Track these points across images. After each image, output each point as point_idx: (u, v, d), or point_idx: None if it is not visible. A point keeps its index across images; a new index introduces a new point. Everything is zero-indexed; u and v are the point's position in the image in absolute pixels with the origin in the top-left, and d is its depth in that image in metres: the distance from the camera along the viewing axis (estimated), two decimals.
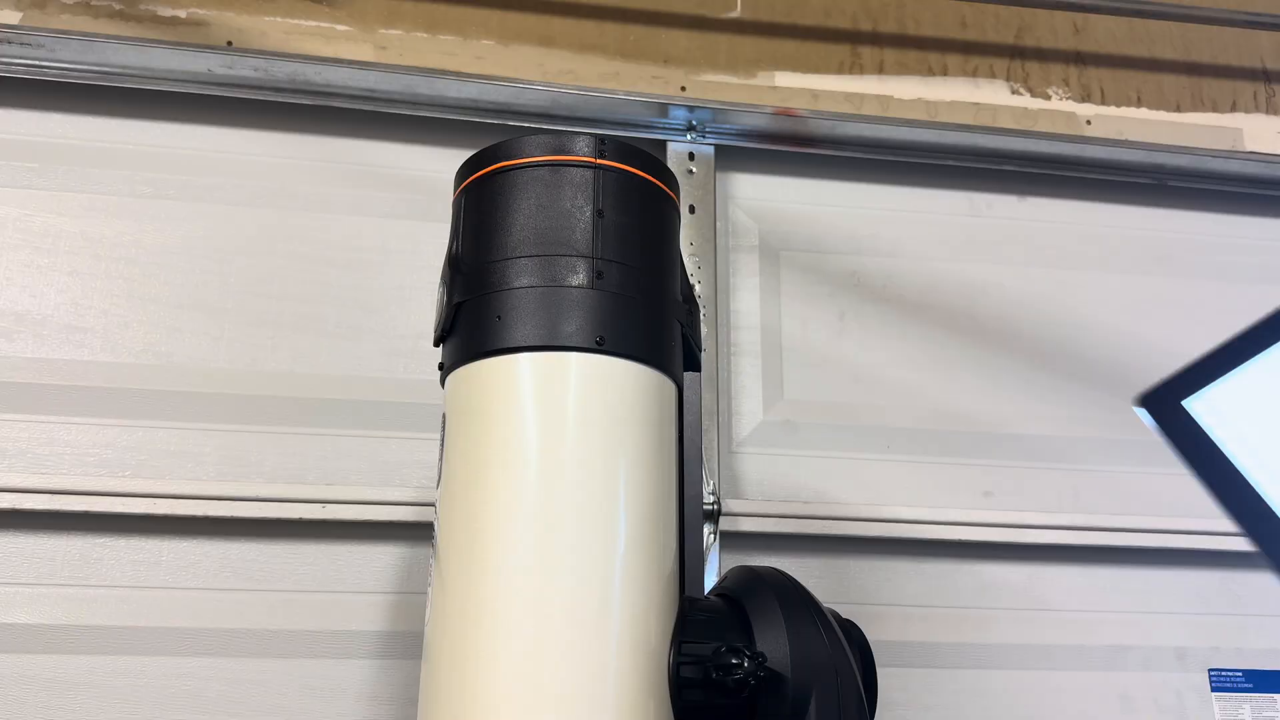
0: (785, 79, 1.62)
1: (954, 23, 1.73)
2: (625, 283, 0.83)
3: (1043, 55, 1.75)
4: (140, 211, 1.42)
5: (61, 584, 1.27)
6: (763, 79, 1.61)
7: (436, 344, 0.89)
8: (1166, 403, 0.98)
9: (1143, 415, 0.98)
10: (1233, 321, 1.90)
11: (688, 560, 0.83)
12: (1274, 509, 0.91)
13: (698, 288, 1.48)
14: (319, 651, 1.30)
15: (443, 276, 0.89)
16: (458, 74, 1.49)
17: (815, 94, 1.62)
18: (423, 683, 0.78)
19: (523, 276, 0.82)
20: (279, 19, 1.52)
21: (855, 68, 1.66)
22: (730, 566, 0.90)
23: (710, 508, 1.38)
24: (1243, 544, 1.61)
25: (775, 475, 1.48)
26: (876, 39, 1.69)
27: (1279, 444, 0.93)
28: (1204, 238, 1.72)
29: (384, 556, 1.34)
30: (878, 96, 1.65)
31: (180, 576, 1.29)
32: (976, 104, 1.67)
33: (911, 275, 1.61)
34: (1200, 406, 0.96)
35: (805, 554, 1.45)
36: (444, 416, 0.85)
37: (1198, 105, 1.76)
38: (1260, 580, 1.56)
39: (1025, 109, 1.69)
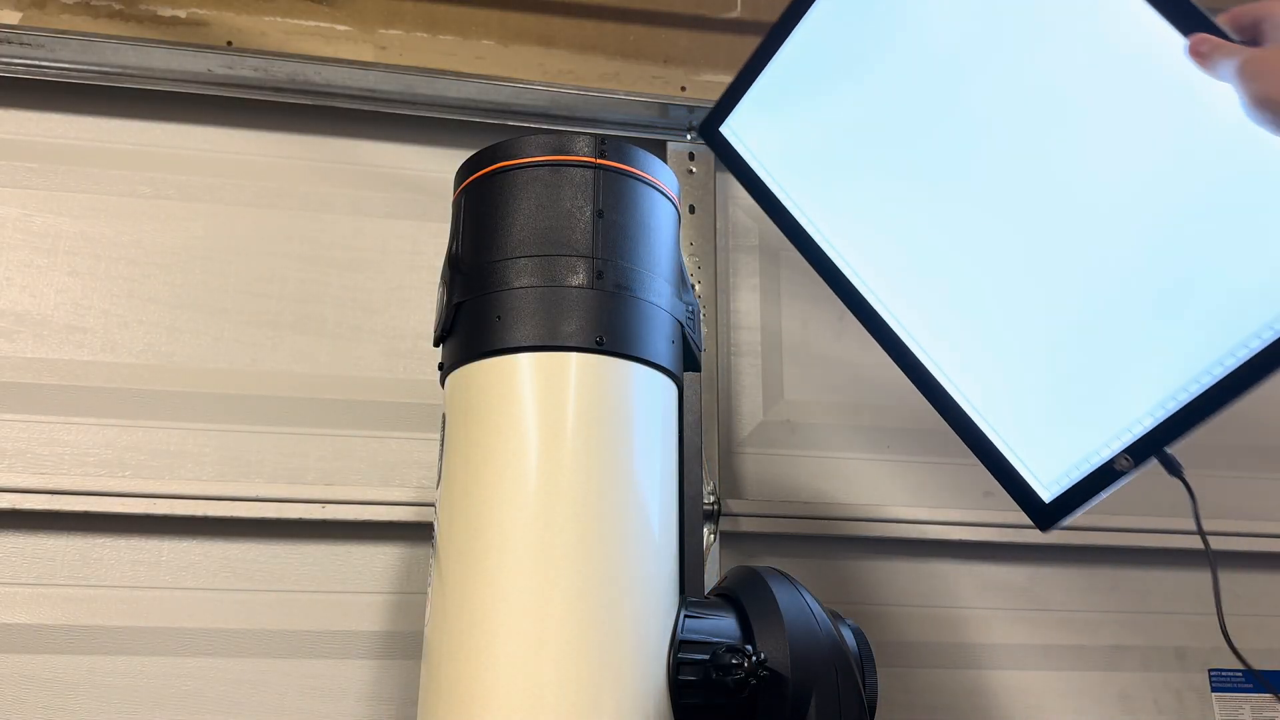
0: None
1: None
2: (625, 283, 0.83)
3: None
4: (140, 211, 1.42)
5: (61, 584, 1.27)
6: None
7: (436, 344, 0.89)
8: (713, 131, 1.05)
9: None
10: None
11: (688, 560, 0.83)
12: (802, 225, 1.00)
13: (698, 288, 1.48)
14: (319, 651, 1.30)
15: (443, 276, 0.89)
16: (458, 74, 1.49)
17: None
18: (423, 683, 0.78)
19: (523, 276, 0.82)
20: (279, 19, 1.52)
21: None
22: (730, 566, 0.90)
23: (710, 508, 1.38)
24: (1243, 544, 1.62)
25: (775, 475, 1.48)
26: None
27: (799, 154, 1.01)
28: None
29: (384, 556, 1.34)
30: None
31: (180, 576, 1.29)
32: None
33: None
34: (730, 131, 1.05)
35: (805, 554, 1.45)
36: (444, 416, 0.85)
37: None
38: (1260, 580, 1.56)
39: None
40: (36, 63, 1.40)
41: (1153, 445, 0.82)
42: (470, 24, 1.57)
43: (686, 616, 0.79)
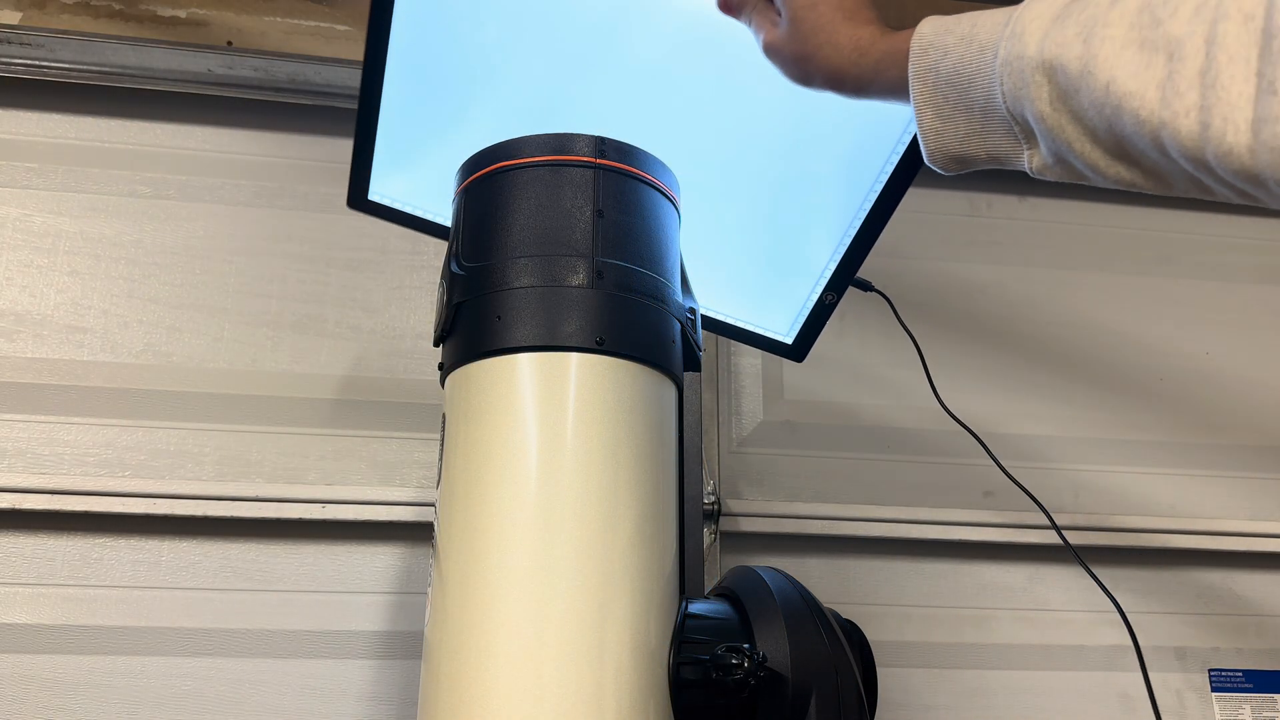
0: None
1: None
2: (625, 283, 0.83)
3: None
4: (140, 211, 1.42)
5: (61, 584, 1.27)
6: None
7: (436, 344, 0.89)
8: (363, 202, 1.06)
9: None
10: (1231, 320, 1.91)
11: (688, 560, 0.83)
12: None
13: None
14: (319, 651, 1.30)
15: (442, 276, 0.89)
16: None
17: None
18: (423, 683, 0.78)
19: (523, 276, 0.82)
20: (279, 19, 1.52)
21: None
22: (730, 566, 0.90)
23: (710, 508, 1.38)
24: (1243, 544, 1.62)
25: (775, 475, 1.48)
26: None
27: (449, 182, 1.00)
28: (1205, 237, 1.72)
29: (384, 556, 1.34)
30: None
31: (180, 576, 1.29)
32: None
33: (911, 275, 1.61)
34: (379, 195, 1.05)
35: (805, 554, 1.45)
36: (444, 416, 0.85)
37: None
38: (1260, 580, 1.56)
39: None
40: (36, 63, 1.40)
41: (843, 279, 1.04)
42: None
43: (686, 616, 0.79)
